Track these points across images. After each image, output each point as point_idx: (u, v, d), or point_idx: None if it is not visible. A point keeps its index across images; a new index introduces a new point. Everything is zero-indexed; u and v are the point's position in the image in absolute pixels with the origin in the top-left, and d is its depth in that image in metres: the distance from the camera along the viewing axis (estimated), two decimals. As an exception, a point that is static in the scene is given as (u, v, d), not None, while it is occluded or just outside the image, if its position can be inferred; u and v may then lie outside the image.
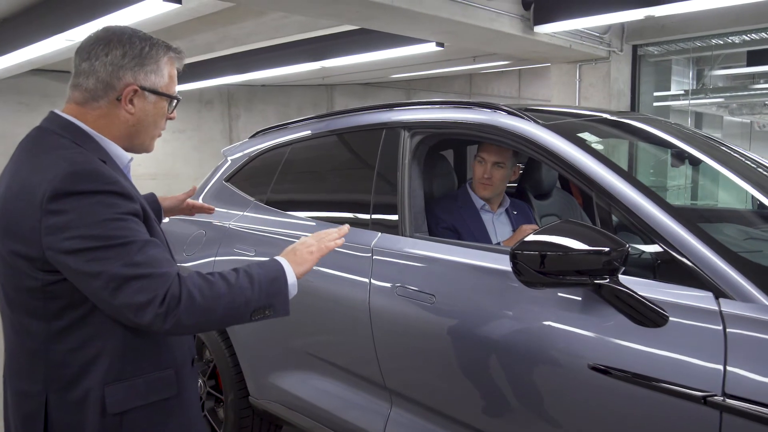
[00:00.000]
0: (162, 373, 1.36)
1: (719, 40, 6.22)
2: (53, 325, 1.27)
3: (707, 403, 1.37)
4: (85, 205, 1.19)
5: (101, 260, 1.18)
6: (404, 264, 2.10)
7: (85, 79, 1.32)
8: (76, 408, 1.28)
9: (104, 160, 1.30)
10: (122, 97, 1.32)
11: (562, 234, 1.54)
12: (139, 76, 1.33)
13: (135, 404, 1.31)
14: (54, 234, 1.19)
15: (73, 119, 1.33)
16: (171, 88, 1.40)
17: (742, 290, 1.44)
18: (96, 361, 1.28)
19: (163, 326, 1.20)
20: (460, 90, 11.95)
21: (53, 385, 1.28)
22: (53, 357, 1.28)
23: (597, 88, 6.42)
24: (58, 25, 5.19)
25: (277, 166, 2.81)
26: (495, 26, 4.95)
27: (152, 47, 1.35)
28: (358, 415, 2.24)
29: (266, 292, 1.33)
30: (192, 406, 1.46)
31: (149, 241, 1.24)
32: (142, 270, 1.20)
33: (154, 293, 1.19)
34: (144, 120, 1.37)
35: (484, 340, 1.82)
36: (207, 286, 1.25)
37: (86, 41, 1.35)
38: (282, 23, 5.89)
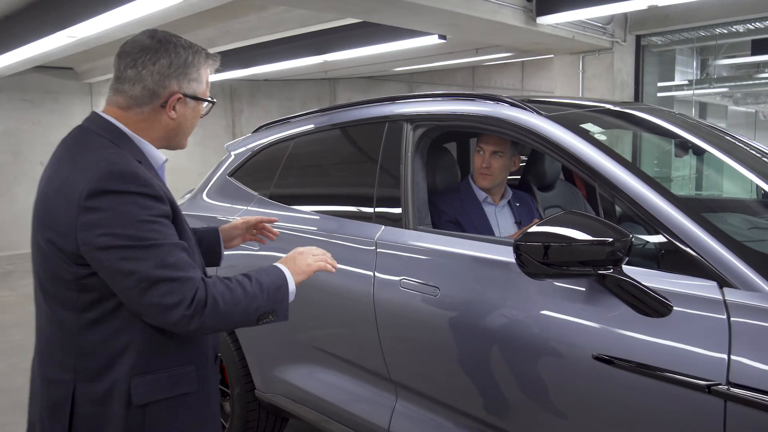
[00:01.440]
0: (184, 369, 1.41)
1: (723, 29, 6.18)
2: (84, 317, 1.32)
3: (711, 392, 1.37)
4: (120, 204, 1.25)
5: (134, 259, 1.24)
6: (408, 257, 2.11)
7: (131, 86, 1.37)
8: (101, 398, 1.33)
9: (140, 160, 1.36)
10: (167, 104, 1.39)
11: (565, 225, 1.54)
12: (183, 84, 1.40)
13: (158, 397, 1.36)
14: (89, 230, 1.24)
15: (114, 121, 1.38)
16: (207, 93, 1.48)
17: (746, 279, 1.44)
18: (123, 353, 1.33)
19: (187, 327, 1.27)
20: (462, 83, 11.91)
21: (82, 375, 1.33)
22: (83, 347, 1.33)
23: (600, 79, 6.39)
24: (60, 22, 5.19)
25: (280, 160, 2.82)
26: (497, 18, 4.93)
27: (194, 55, 1.42)
28: (364, 408, 2.25)
29: (272, 299, 1.41)
30: (212, 402, 1.50)
31: (178, 244, 1.30)
32: (171, 273, 1.26)
33: (182, 296, 1.25)
34: (183, 123, 1.44)
35: (488, 331, 1.82)
36: (228, 293, 1.33)
37: (131, 47, 1.39)
38: (284, 17, 5.88)
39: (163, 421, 1.37)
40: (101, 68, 8.58)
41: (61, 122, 9.28)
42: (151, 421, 1.35)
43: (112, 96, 1.40)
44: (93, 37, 5.46)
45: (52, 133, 9.20)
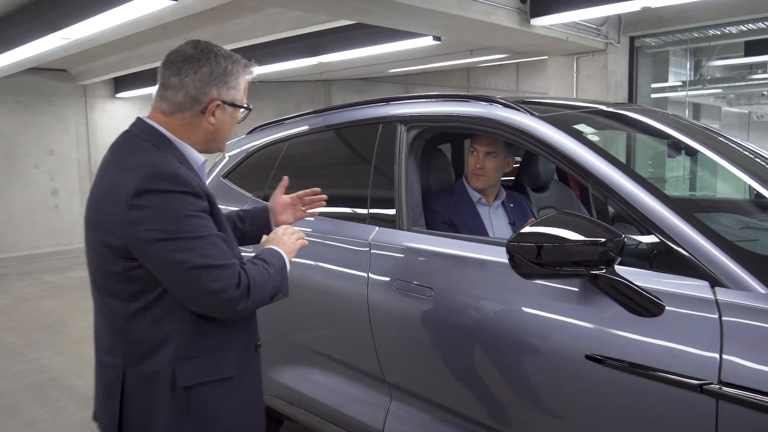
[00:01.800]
0: (224, 355, 1.50)
1: (716, 30, 6.21)
2: (131, 306, 1.43)
3: (703, 392, 1.38)
4: (163, 202, 1.36)
5: (181, 251, 1.35)
6: (402, 258, 2.11)
7: (174, 93, 1.48)
8: (148, 381, 1.44)
9: (181, 161, 1.47)
10: (207, 110, 1.50)
11: (558, 225, 1.54)
12: (222, 91, 1.51)
13: (201, 380, 1.46)
14: (136, 226, 1.35)
15: (158, 126, 1.49)
16: (244, 100, 1.58)
17: (737, 279, 1.45)
18: (167, 340, 1.43)
19: (235, 309, 1.40)
20: (457, 84, 11.93)
21: (130, 360, 1.45)
22: (131, 335, 1.44)
23: (594, 81, 6.40)
24: (54, 24, 5.18)
25: (274, 161, 2.82)
26: (491, 19, 4.94)
27: (233, 65, 1.52)
28: (358, 409, 2.25)
29: (280, 279, 1.54)
30: (253, 387, 1.60)
31: (218, 235, 1.42)
32: (215, 261, 1.37)
33: (228, 281, 1.38)
34: (221, 129, 1.55)
35: (482, 332, 1.83)
36: (260, 275, 1.46)
37: (176, 57, 1.49)
38: (278, 19, 5.88)
39: (208, 402, 1.46)
40: (95, 70, 8.56)
41: (54, 124, 9.25)
42: (197, 402, 1.45)
43: (157, 102, 1.51)
44: (87, 38, 5.45)
45: (45, 136, 9.18)
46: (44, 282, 7.44)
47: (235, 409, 1.52)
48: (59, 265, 8.42)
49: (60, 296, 6.64)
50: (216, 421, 1.48)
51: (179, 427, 1.44)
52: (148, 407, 1.44)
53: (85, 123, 9.56)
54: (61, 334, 5.17)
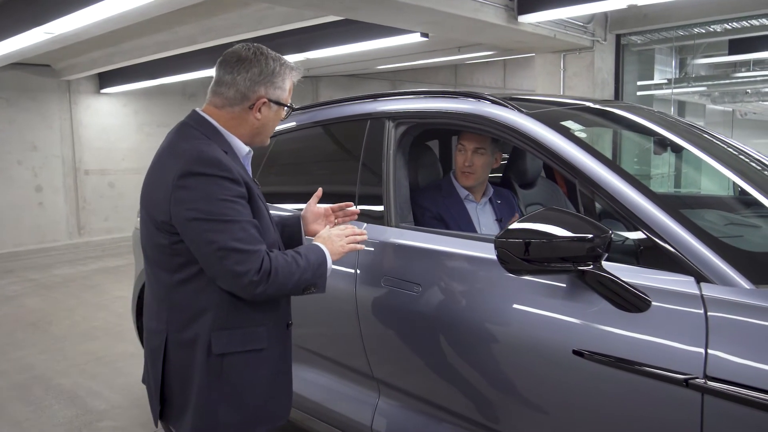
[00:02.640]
0: (257, 329, 1.63)
1: (701, 28, 6.26)
2: (175, 277, 1.59)
3: (689, 386, 1.39)
4: (205, 185, 1.49)
5: (214, 231, 1.48)
6: (390, 254, 2.11)
7: (227, 89, 1.64)
8: (187, 346, 1.59)
9: (226, 150, 1.61)
10: (254, 106, 1.65)
11: (546, 221, 1.55)
12: (269, 90, 1.66)
13: (234, 349, 1.60)
14: (179, 204, 1.50)
15: (209, 118, 1.65)
16: (289, 99, 1.72)
17: (722, 275, 1.46)
18: (206, 310, 1.57)
19: (253, 292, 1.52)
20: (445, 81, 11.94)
21: (172, 326, 1.61)
22: (174, 302, 1.60)
23: (581, 78, 6.44)
24: (37, 18, 5.10)
25: (262, 158, 2.80)
26: (479, 16, 4.94)
27: (281, 66, 1.67)
28: (347, 406, 2.25)
29: (316, 273, 1.65)
30: (282, 362, 1.73)
31: (250, 222, 1.54)
32: (243, 245, 1.50)
33: (251, 265, 1.49)
34: (266, 124, 1.70)
35: (470, 328, 1.83)
36: (286, 266, 1.56)
37: (231, 57, 1.65)
38: (265, 14, 5.84)
39: (239, 369, 1.61)
40: (79, 65, 8.45)
41: (38, 120, 9.13)
42: (228, 368, 1.59)
43: (211, 97, 1.67)
44: (71, 33, 5.38)
45: (28, 132, 9.06)
46: (27, 280, 7.36)
47: (265, 377, 1.65)
48: (43, 263, 8.33)
49: (43, 294, 6.57)
50: (245, 387, 1.62)
51: (210, 389, 1.58)
52: (186, 370, 1.60)
53: (70, 119, 9.45)
54: (45, 333, 5.12)
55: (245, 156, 1.70)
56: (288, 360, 1.77)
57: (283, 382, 1.74)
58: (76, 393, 3.84)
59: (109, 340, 4.90)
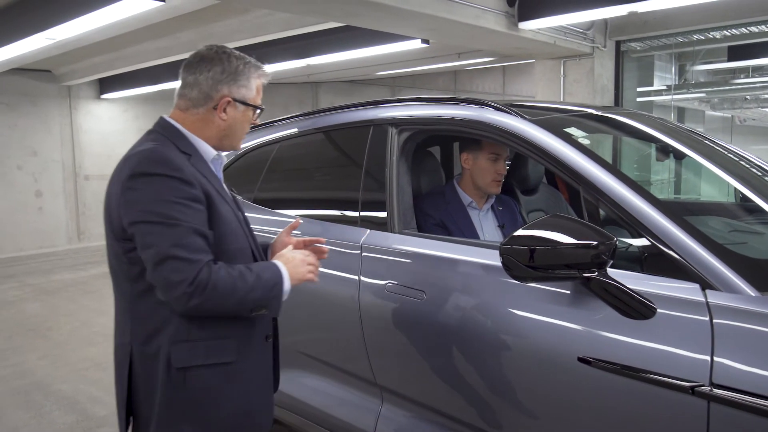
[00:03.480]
0: (223, 341, 1.55)
1: (701, 35, 6.29)
2: (136, 287, 1.52)
3: (695, 393, 1.39)
4: (153, 185, 1.44)
5: (155, 235, 1.42)
6: (394, 261, 2.10)
7: (190, 90, 1.60)
8: (150, 360, 1.53)
9: (190, 153, 1.56)
10: (218, 106, 1.59)
11: (550, 228, 1.55)
12: (233, 89, 1.60)
13: (196, 363, 1.52)
14: (127, 206, 1.45)
15: (173, 121, 1.61)
16: (257, 100, 1.67)
17: (728, 282, 1.46)
18: (167, 321, 1.50)
19: (186, 304, 1.42)
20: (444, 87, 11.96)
21: (136, 339, 1.54)
22: (137, 314, 1.54)
23: (581, 84, 6.45)
24: (39, 24, 5.11)
25: (264, 163, 2.80)
26: (479, 23, 4.96)
27: (245, 65, 1.62)
28: (349, 412, 2.24)
29: (268, 294, 1.54)
30: (259, 376, 1.64)
31: (195, 229, 1.46)
32: (182, 252, 1.41)
33: (186, 275, 1.41)
34: (233, 125, 1.63)
35: (475, 334, 1.83)
36: (229, 280, 1.46)
37: (193, 58, 1.61)
38: (266, 21, 5.86)
39: (204, 384, 1.53)
40: (80, 71, 8.47)
41: (38, 125, 9.14)
42: (192, 382, 1.52)
43: (177, 100, 1.63)
44: (72, 39, 5.39)
45: (28, 137, 9.06)
46: (27, 285, 7.34)
47: (237, 392, 1.57)
48: (42, 268, 8.31)
49: (43, 299, 6.55)
50: (212, 402, 1.54)
51: (173, 403, 1.52)
52: (151, 384, 1.53)
53: (70, 124, 9.46)
54: (45, 338, 5.10)
55: (213, 160, 1.63)
56: (267, 374, 1.68)
57: (260, 397, 1.65)
58: (76, 399, 3.83)
59: (109, 346, 4.87)
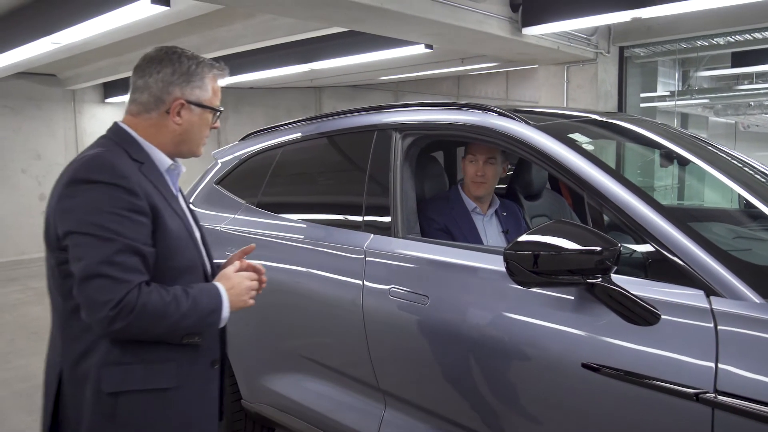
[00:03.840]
0: (163, 365, 1.43)
1: (704, 41, 6.29)
2: (69, 303, 1.39)
3: (699, 400, 1.38)
4: (92, 193, 1.33)
5: (86, 247, 1.31)
6: (397, 265, 2.11)
7: (140, 94, 1.50)
8: (80, 383, 1.40)
9: (142, 161, 1.46)
10: (171, 109, 1.49)
11: (554, 234, 1.55)
12: (186, 91, 1.49)
13: (129, 387, 1.40)
14: (62, 215, 1.34)
15: (125, 126, 1.51)
16: (214, 101, 1.56)
17: (732, 288, 1.46)
18: (100, 342, 1.38)
19: (107, 328, 1.31)
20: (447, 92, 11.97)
21: (67, 359, 1.42)
22: (70, 333, 1.42)
23: (584, 90, 6.46)
24: (45, 28, 5.14)
25: (268, 168, 2.81)
26: (483, 28, 4.97)
27: (198, 65, 1.51)
28: (352, 417, 2.24)
29: (203, 321, 1.43)
30: (198, 405, 1.51)
31: (132, 246, 1.34)
32: (111, 271, 1.30)
33: (111, 296, 1.29)
34: (189, 130, 1.52)
35: (478, 340, 1.82)
36: (161, 306, 1.34)
37: (141, 61, 1.52)
38: (270, 25, 5.88)
39: (137, 413, 1.40)
40: (85, 75, 8.50)
41: (43, 129, 9.17)
42: (124, 411, 1.39)
43: (128, 106, 1.52)
44: (78, 43, 5.42)
45: (33, 140, 9.10)
46: (30, 288, 7.35)
47: (171, 423, 1.44)
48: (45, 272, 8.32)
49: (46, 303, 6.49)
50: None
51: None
52: (78, 410, 1.40)
53: (74, 128, 9.49)
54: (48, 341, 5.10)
55: (169, 170, 1.52)
56: (211, 404, 1.55)
57: (201, 429, 1.52)
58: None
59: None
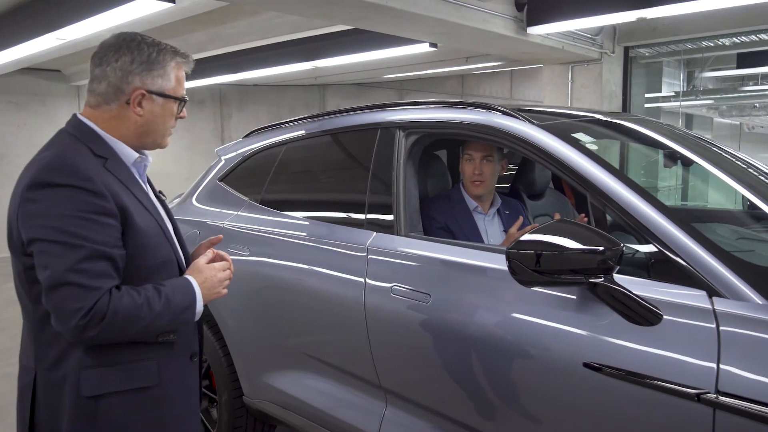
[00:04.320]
0: (143, 363, 1.40)
1: (710, 42, 6.28)
2: (39, 308, 1.35)
3: (701, 401, 1.38)
4: (55, 197, 1.27)
5: (51, 255, 1.26)
6: (400, 263, 2.11)
7: (98, 84, 1.42)
8: (57, 388, 1.36)
9: (107, 157, 1.39)
10: (131, 100, 1.42)
11: (557, 233, 1.55)
12: (147, 80, 1.42)
13: (110, 390, 1.37)
14: (25, 221, 1.29)
15: (85, 120, 1.43)
16: (178, 91, 1.48)
17: (735, 289, 1.46)
18: (74, 345, 1.34)
19: (79, 336, 1.27)
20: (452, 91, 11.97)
21: (41, 364, 1.38)
22: (42, 338, 1.37)
23: (589, 90, 6.45)
24: (50, 24, 5.15)
25: (271, 165, 2.81)
26: (488, 27, 4.97)
27: (159, 53, 1.43)
28: (353, 415, 2.24)
29: (177, 319, 1.40)
30: (184, 401, 1.49)
31: (99, 252, 1.29)
32: (80, 278, 1.25)
33: (81, 304, 1.25)
34: (152, 121, 1.45)
35: (480, 339, 1.82)
36: (132, 309, 1.31)
37: (99, 48, 1.44)
38: (275, 23, 5.88)
39: (119, 414, 1.37)
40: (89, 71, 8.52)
41: (47, 125, 9.19)
42: (105, 413, 1.36)
43: (87, 97, 1.46)
44: (82, 39, 5.43)
45: (37, 136, 9.11)
46: (34, 283, 7.36)
47: (157, 421, 1.42)
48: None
49: (50, 298, 6.55)
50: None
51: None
52: (57, 415, 1.36)
53: (78, 124, 9.52)
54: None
55: (135, 162, 1.47)
56: (193, 398, 1.53)
57: (183, 424, 1.49)
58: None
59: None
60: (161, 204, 1.58)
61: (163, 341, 1.41)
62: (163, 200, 1.62)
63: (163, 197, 1.64)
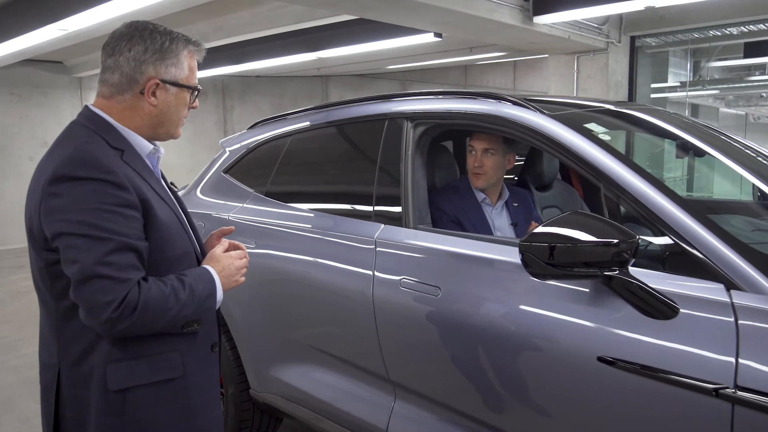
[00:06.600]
0: (167, 355, 1.40)
1: (717, 31, 6.21)
2: (62, 304, 1.35)
3: (719, 396, 1.36)
4: (79, 191, 1.27)
5: (80, 249, 1.25)
6: (408, 256, 2.08)
7: (111, 75, 1.40)
8: (82, 383, 1.36)
9: (123, 149, 1.38)
10: (145, 90, 1.40)
11: (571, 226, 1.52)
12: (160, 69, 1.40)
13: (137, 383, 1.37)
14: (49, 215, 1.27)
15: (99, 111, 1.41)
16: (191, 80, 1.47)
17: (753, 282, 1.43)
18: (101, 340, 1.34)
19: (112, 329, 1.27)
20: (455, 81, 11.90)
21: (65, 360, 1.37)
22: (66, 333, 1.37)
23: (595, 80, 6.40)
24: (52, 15, 5.12)
25: (277, 157, 2.78)
26: (494, 17, 4.92)
27: (172, 41, 1.42)
28: (362, 408, 2.23)
29: (202, 307, 1.40)
30: (206, 390, 1.50)
31: (127, 244, 1.29)
32: (110, 271, 1.25)
33: (114, 296, 1.24)
34: (166, 111, 1.44)
35: (490, 332, 1.80)
36: (161, 300, 1.31)
37: (110, 38, 1.41)
38: (278, 13, 5.84)
39: (146, 406, 1.38)
40: (91, 62, 8.48)
41: (49, 117, 9.17)
42: (133, 406, 1.36)
43: (99, 88, 1.44)
44: (84, 30, 5.39)
45: (39, 128, 9.10)
46: (38, 275, 7.38)
47: (183, 411, 1.43)
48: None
49: (54, 290, 6.56)
50: (157, 426, 1.39)
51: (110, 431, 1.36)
52: (84, 410, 1.37)
53: (81, 116, 9.49)
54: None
55: (150, 154, 1.46)
56: (215, 387, 1.54)
57: (207, 413, 1.50)
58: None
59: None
60: (174, 196, 1.57)
61: (187, 331, 1.41)
62: (176, 192, 1.61)
63: (175, 188, 1.63)
